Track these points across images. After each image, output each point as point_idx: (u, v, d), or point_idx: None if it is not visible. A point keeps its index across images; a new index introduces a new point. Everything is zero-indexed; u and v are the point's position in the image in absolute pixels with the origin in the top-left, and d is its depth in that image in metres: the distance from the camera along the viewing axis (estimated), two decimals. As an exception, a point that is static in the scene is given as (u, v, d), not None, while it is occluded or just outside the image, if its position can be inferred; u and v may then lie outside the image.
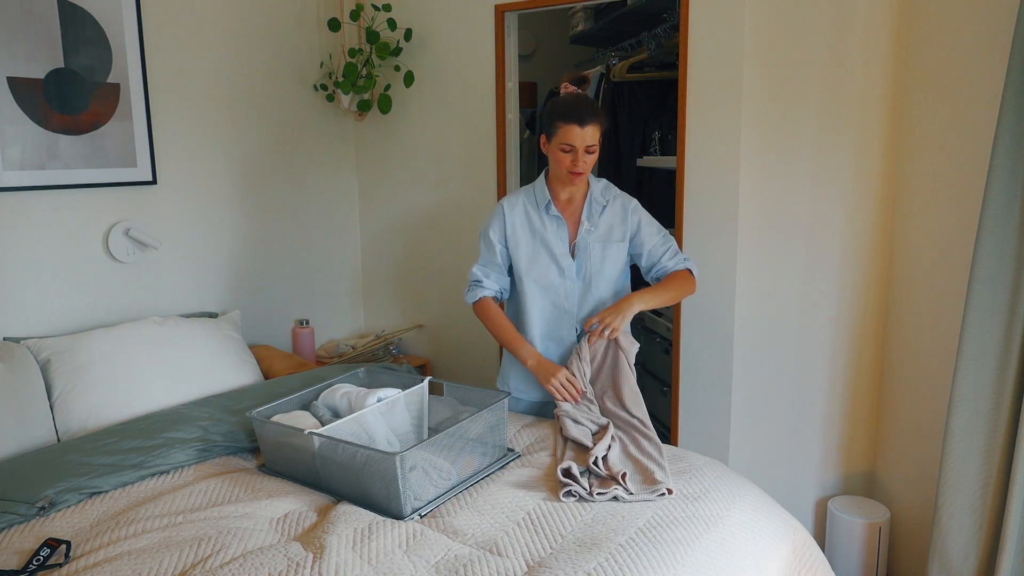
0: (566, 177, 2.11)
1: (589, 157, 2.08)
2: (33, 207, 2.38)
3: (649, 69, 3.46)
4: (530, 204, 2.22)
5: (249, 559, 1.47)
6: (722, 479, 1.82)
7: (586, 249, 2.18)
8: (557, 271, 2.19)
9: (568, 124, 2.04)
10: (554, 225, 2.19)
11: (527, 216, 2.21)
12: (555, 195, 2.20)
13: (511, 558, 1.49)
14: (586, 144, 2.05)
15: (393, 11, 3.00)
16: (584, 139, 2.04)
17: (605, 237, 2.19)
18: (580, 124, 2.03)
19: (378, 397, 1.94)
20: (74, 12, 2.40)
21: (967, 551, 1.96)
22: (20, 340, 2.31)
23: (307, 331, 3.14)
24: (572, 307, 2.20)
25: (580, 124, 2.03)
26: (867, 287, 2.46)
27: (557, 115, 2.07)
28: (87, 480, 1.79)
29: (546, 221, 2.19)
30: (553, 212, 2.18)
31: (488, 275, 2.25)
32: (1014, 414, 1.85)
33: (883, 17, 2.30)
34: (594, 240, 2.18)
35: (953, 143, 2.14)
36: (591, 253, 2.18)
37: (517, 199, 2.25)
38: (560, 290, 2.19)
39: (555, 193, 2.20)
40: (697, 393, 2.60)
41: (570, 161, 2.07)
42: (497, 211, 2.24)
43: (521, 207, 2.23)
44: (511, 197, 2.26)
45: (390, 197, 3.33)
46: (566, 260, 2.18)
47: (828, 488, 2.59)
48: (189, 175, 2.78)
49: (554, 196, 2.20)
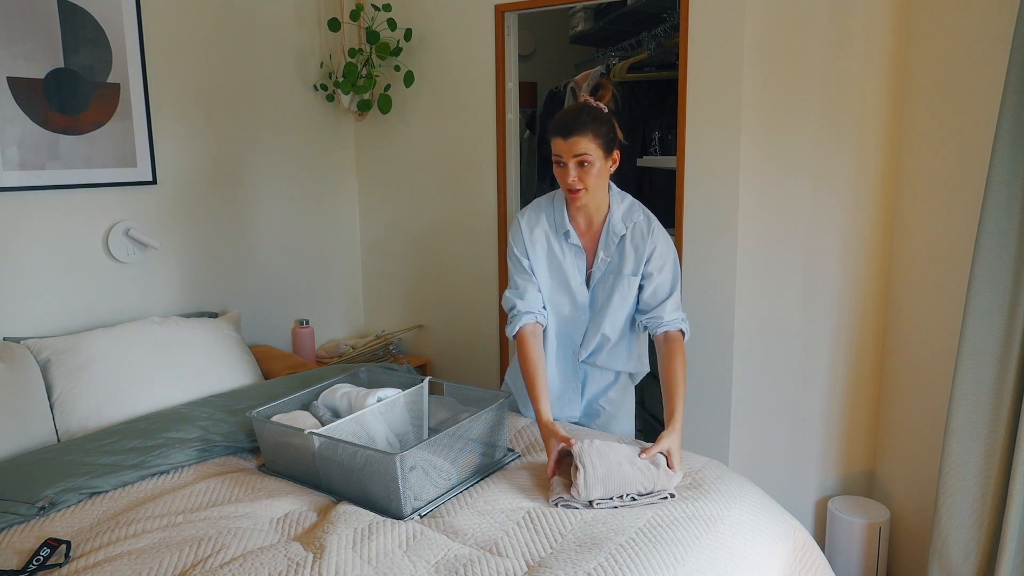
0: (567, 195, 1.96)
1: (585, 171, 1.88)
2: (33, 207, 2.38)
3: (649, 69, 3.45)
4: (550, 228, 2.05)
5: (249, 559, 1.47)
6: (722, 479, 1.82)
7: (601, 280, 2.04)
8: (571, 301, 2.06)
9: (554, 136, 1.90)
10: (572, 253, 2.03)
11: (547, 240, 2.05)
12: (573, 218, 2.03)
13: (511, 558, 1.49)
14: (574, 154, 1.87)
15: (393, 11, 3.00)
16: (571, 150, 1.87)
17: (617, 269, 2.02)
18: (563, 136, 1.87)
19: (378, 397, 1.94)
20: (74, 12, 2.40)
21: (967, 551, 1.96)
22: (20, 340, 2.31)
23: (307, 331, 3.14)
24: (578, 337, 2.09)
25: (563, 136, 1.87)
26: (867, 287, 2.46)
27: (550, 128, 1.93)
28: (87, 480, 1.79)
29: (565, 248, 2.03)
30: (573, 241, 2.02)
31: (523, 296, 2.05)
32: (1014, 414, 1.85)
33: (883, 16, 2.30)
34: (610, 270, 2.03)
35: (953, 142, 2.14)
36: (605, 284, 2.04)
37: (537, 218, 2.07)
38: (572, 321, 2.08)
39: (572, 216, 2.03)
40: (697, 393, 2.59)
41: (562, 175, 1.90)
42: (515, 228, 2.08)
43: (541, 230, 2.05)
44: (530, 214, 2.08)
45: (390, 197, 3.33)
46: (581, 292, 2.05)
47: (828, 488, 2.59)
48: (189, 175, 2.78)
49: (572, 219, 2.03)
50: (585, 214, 2.02)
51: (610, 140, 1.92)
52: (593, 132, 1.87)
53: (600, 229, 2.03)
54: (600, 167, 1.90)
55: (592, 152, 1.87)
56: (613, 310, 2.04)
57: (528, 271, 2.06)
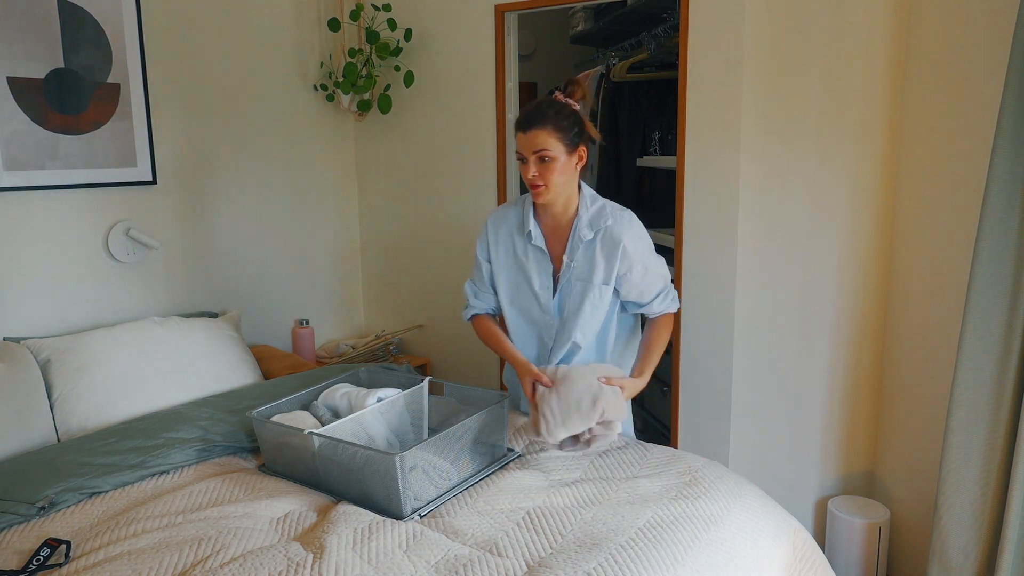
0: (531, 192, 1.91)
1: (546, 167, 1.83)
2: (33, 207, 2.38)
3: (649, 69, 3.45)
4: (515, 228, 2.01)
5: (249, 559, 1.47)
6: (721, 479, 1.82)
7: (567, 286, 1.97)
8: (538, 306, 2.02)
9: (516, 131, 1.87)
10: (536, 255, 1.99)
11: (511, 241, 2.01)
12: (539, 218, 1.99)
13: (511, 558, 1.49)
14: (534, 150, 1.82)
15: (393, 11, 3.00)
16: (530, 144, 1.82)
17: (587, 276, 1.95)
18: (523, 130, 1.84)
19: (378, 397, 1.94)
20: (74, 12, 2.40)
21: (967, 551, 1.96)
22: (20, 340, 2.31)
23: (307, 331, 3.14)
24: (549, 341, 2.04)
25: (523, 130, 1.84)
26: (867, 286, 2.46)
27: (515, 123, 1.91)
28: (87, 480, 1.79)
29: (529, 250, 1.99)
30: (536, 243, 1.97)
31: (477, 294, 2.12)
32: (1014, 414, 1.85)
33: (883, 16, 2.30)
34: (575, 278, 1.96)
35: (953, 142, 2.14)
36: (572, 290, 1.97)
37: (504, 217, 2.04)
38: (542, 323, 2.04)
39: (539, 216, 1.99)
40: (697, 393, 2.60)
41: (524, 171, 1.85)
42: (483, 227, 2.07)
43: (507, 229, 2.02)
44: (499, 213, 2.06)
45: (390, 197, 3.33)
46: (545, 296, 1.99)
47: (828, 488, 2.59)
48: (189, 175, 2.78)
49: (539, 220, 1.99)
50: (551, 214, 1.97)
51: (574, 136, 1.86)
52: (554, 126, 1.82)
53: (568, 232, 1.96)
54: (563, 163, 1.85)
55: (552, 147, 1.82)
56: (585, 318, 1.97)
57: (485, 277, 2.09)
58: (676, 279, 2.58)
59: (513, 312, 2.06)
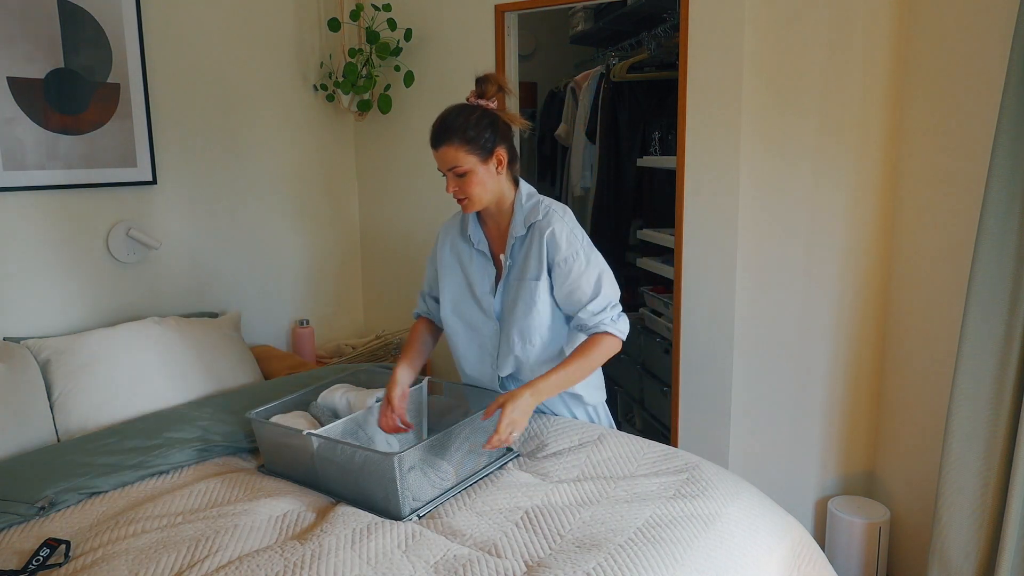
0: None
1: (465, 181, 1.75)
2: (33, 207, 2.38)
3: (649, 69, 3.45)
4: (459, 235, 1.95)
5: (247, 559, 1.47)
6: (718, 477, 1.82)
7: (506, 286, 1.90)
8: (480, 311, 1.94)
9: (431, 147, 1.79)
10: (479, 259, 1.92)
11: (457, 248, 1.95)
12: (483, 222, 1.93)
13: (510, 559, 1.49)
14: (447, 167, 1.75)
15: (393, 11, 3.00)
16: (443, 162, 1.75)
17: (521, 274, 1.86)
18: (432, 147, 1.77)
19: (378, 397, 1.95)
20: (74, 12, 2.40)
21: (967, 551, 1.96)
22: (20, 340, 2.31)
23: (307, 331, 3.14)
24: (494, 350, 1.95)
25: (432, 147, 1.77)
26: (867, 286, 2.46)
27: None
28: (87, 480, 1.79)
29: (473, 256, 1.93)
30: (479, 247, 1.91)
31: (424, 297, 2.10)
32: (1014, 414, 1.85)
33: (883, 17, 2.30)
34: (514, 278, 1.88)
35: (953, 143, 2.14)
36: (511, 290, 1.88)
37: (453, 223, 1.98)
38: (484, 330, 1.95)
39: (483, 220, 1.93)
40: (697, 393, 2.59)
41: (446, 185, 1.79)
42: (437, 235, 2.02)
43: (456, 234, 1.96)
44: (450, 220, 2.00)
45: (390, 197, 3.33)
46: (487, 300, 1.92)
47: (828, 488, 2.59)
48: (189, 175, 2.78)
49: (483, 224, 1.93)
50: (491, 218, 1.91)
51: (486, 142, 1.75)
52: (460, 139, 1.73)
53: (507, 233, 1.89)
54: (481, 173, 1.76)
55: (463, 161, 1.74)
56: (518, 319, 1.87)
57: (431, 282, 2.06)
58: (676, 279, 2.58)
59: (455, 320, 1.98)
